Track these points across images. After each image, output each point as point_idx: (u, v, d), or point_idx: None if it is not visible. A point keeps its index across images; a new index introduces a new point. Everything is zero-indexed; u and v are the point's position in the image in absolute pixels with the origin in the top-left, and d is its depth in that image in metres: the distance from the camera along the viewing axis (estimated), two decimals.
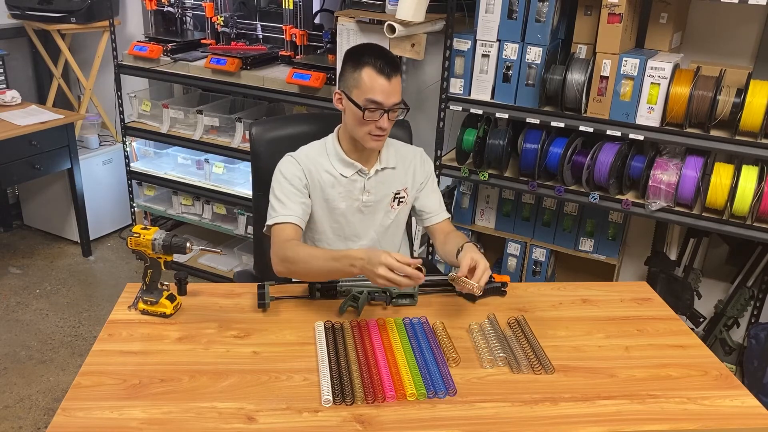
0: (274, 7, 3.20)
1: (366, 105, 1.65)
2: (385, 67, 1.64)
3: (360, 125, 1.69)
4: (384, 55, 1.68)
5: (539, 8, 2.37)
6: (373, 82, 1.64)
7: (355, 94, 1.67)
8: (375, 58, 1.65)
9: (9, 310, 3.11)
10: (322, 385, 1.33)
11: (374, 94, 1.64)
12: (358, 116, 1.67)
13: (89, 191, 3.55)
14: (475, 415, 1.29)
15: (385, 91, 1.64)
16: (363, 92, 1.65)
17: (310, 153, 1.80)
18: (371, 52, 1.68)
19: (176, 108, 3.25)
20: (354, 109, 1.67)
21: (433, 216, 1.91)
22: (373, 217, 1.84)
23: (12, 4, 3.44)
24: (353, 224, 1.83)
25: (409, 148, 1.92)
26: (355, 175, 1.79)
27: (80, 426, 1.23)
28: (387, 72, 1.64)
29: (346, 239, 1.84)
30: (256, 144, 1.98)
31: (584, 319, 1.65)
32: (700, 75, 2.25)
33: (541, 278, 2.89)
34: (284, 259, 1.63)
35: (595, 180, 2.45)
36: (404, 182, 1.86)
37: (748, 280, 2.70)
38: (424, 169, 1.91)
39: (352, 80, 1.68)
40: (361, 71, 1.65)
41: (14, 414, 2.45)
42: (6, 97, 3.33)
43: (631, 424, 1.29)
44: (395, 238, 1.92)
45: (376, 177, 1.81)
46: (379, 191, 1.82)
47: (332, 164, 1.78)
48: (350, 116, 1.71)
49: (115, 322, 1.55)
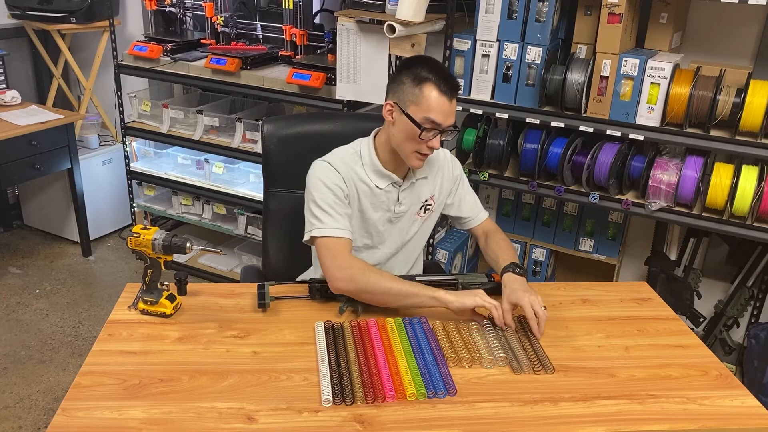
0: (274, 7, 3.20)
1: (425, 124, 1.59)
2: (448, 87, 1.59)
3: (411, 142, 1.62)
4: (447, 74, 1.62)
5: (539, 8, 2.37)
6: (436, 102, 1.58)
7: (413, 110, 1.60)
8: (438, 77, 1.59)
9: (9, 310, 3.11)
10: (322, 385, 1.33)
11: (435, 115, 1.58)
12: (412, 134, 1.60)
13: (89, 191, 3.55)
14: (475, 415, 1.29)
15: (445, 112, 1.59)
16: (423, 110, 1.58)
17: (346, 160, 1.72)
18: (435, 69, 1.61)
19: (176, 108, 3.25)
20: (408, 125, 1.60)
21: (472, 220, 1.88)
22: (400, 225, 1.81)
23: (12, 4, 3.44)
24: (381, 233, 1.79)
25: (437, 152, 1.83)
26: (389, 187, 1.74)
27: (80, 426, 1.23)
28: (449, 93, 1.59)
29: (371, 247, 1.80)
30: (267, 142, 1.97)
31: (584, 319, 1.65)
32: (700, 75, 2.26)
33: (541, 278, 2.89)
34: (350, 280, 1.58)
35: (595, 180, 2.46)
36: (432, 190, 1.82)
37: (748, 280, 2.70)
38: (452, 173, 1.86)
39: (411, 95, 1.60)
40: (422, 87, 1.58)
41: (14, 414, 2.45)
42: (6, 97, 3.33)
43: (631, 424, 1.29)
44: (418, 246, 1.89)
45: (410, 188, 1.78)
46: (409, 201, 1.79)
47: (368, 175, 1.72)
48: (401, 131, 1.63)
49: (115, 322, 1.55)
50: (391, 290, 1.57)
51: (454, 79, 1.63)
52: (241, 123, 3.07)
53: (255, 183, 3.16)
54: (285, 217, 1.98)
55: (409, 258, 1.89)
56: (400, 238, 1.83)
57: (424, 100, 1.58)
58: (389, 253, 1.83)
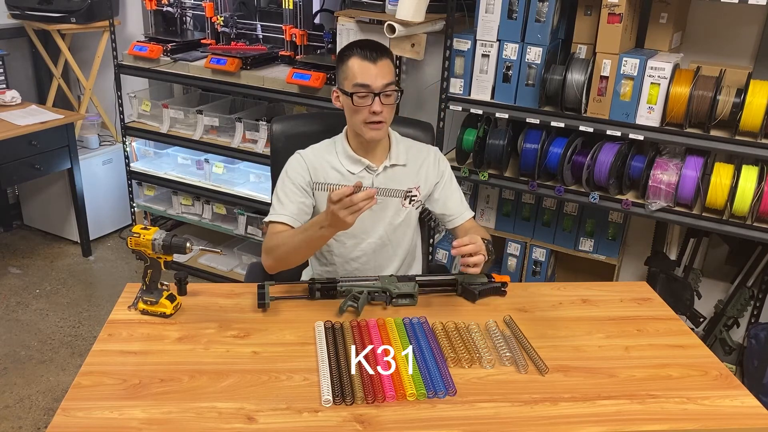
0: (274, 7, 3.20)
1: (354, 90, 1.66)
2: (368, 52, 1.66)
3: (354, 114, 1.69)
4: (367, 42, 1.70)
5: (539, 8, 2.37)
6: (359, 67, 1.65)
7: (345, 85, 1.68)
8: (358, 48, 1.67)
9: (9, 310, 3.11)
10: (322, 385, 1.33)
11: (361, 78, 1.65)
12: (350, 105, 1.68)
13: (89, 191, 3.55)
14: (475, 415, 1.29)
15: (371, 74, 1.65)
16: (350, 80, 1.67)
17: (319, 150, 1.81)
18: (354, 43, 1.71)
19: (176, 108, 3.25)
20: (347, 100, 1.68)
21: (456, 218, 1.88)
22: (381, 214, 1.82)
23: (12, 4, 3.44)
24: (361, 221, 1.79)
25: (422, 147, 1.90)
26: (363, 172, 1.78)
27: (80, 426, 1.23)
28: (371, 56, 1.66)
29: (354, 236, 1.82)
30: (275, 141, 1.99)
31: (584, 319, 1.65)
32: (700, 75, 2.25)
33: (541, 278, 2.89)
34: (267, 250, 1.68)
35: (595, 180, 2.45)
36: (416, 180, 1.83)
37: (748, 280, 2.70)
38: (438, 168, 1.88)
39: (341, 74, 1.70)
40: (346, 62, 1.68)
41: (14, 414, 2.45)
42: (6, 97, 3.33)
43: (631, 424, 1.29)
44: (405, 237, 1.88)
45: (385, 174, 1.80)
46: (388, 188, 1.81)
47: (340, 161, 1.78)
48: (347, 110, 1.73)
49: (115, 322, 1.55)
50: (293, 240, 1.63)
51: (376, 43, 1.70)
52: (241, 123, 3.07)
53: (255, 183, 3.16)
54: None
55: (398, 249, 1.87)
56: (383, 228, 1.83)
57: (349, 71, 1.67)
58: (375, 243, 1.83)
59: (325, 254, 1.86)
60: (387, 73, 1.67)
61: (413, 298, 1.67)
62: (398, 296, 1.65)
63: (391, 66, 1.70)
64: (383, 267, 1.86)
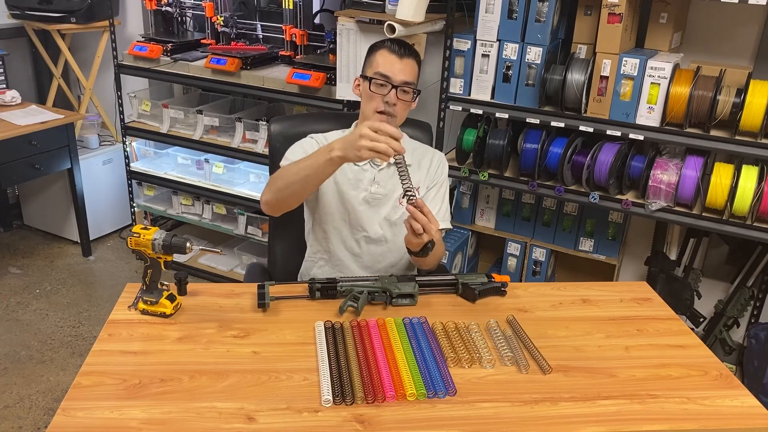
0: (274, 7, 3.20)
1: (374, 76, 1.69)
2: (397, 47, 1.71)
3: (368, 101, 1.72)
4: (400, 41, 1.75)
5: (539, 8, 2.37)
6: (384, 58, 1.70)
7: (368, 71, 1.73)
8: (390, 41, 1.73)
9: (9, 310, 3.11)
10: (322, 385, 1.33)
11: (383, 68, 1.69)
12: (367, 90, 1.71)
13: (89, 191, 3.55)
14: (475, 415, 1.29)
15: (395, 66, 1.69)
16: (373, 68, 1.71)
17: (329, 137, 1.83)
18: (388, 39, 1.77)
19: (176, 108, 3.25)
20: (365, 85, 1.72)
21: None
22: (379, 210, 1.82)
23: (12, 4, 3.44)
24: (359, 213, 1.82)
25: (428, 150, 1.92)
26: (367, 165, 1.80)
27: (80, 426, 1.23)
28: (399, 51, 1.70)
29: (352, 227, 1.83)
30: (274, 141, 1.99)
31: (584, 319, 1.65)
32: (700, 75, 2.26)
33: (541, 278, 2.89)
34: (269, 184, 1.68)
35: (595, 180, 2.46)
36: (417, 181, 1.83)
37: (748, 280, 2.70)
38: (438, 172, 1.88)
39: (367, 63, 1.75)
40: (375, 53, 1.73)
41: (14, 414, 2.45)
42: (6, 97, 3.33)
43: (631, 424, 1.29)
44: (401, 236, 1.87)
45: (388, 170, 1.81)
46: (388, 185, 1.81)
47: None
48: (363, 96, 1.75)
49: (115, 322, 1.55)
50: (297, 165, 1.60)
51: (407, 44, 1.75)
52: (241, 123, 3.07)
53: (255, 183, 3.16)
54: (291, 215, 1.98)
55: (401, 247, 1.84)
56: (379, 224, 1.83)
57: (375, 60, 1.72)
58: (372, 238, 1.83)
59: (321, 241, 1.87)
60: (410, 72, 1.71)
61: (413, 298, 1.67)
62: (398, 296, 1.65)
63: (416, 68, 1.74)
64: (379, 263, 1.86)
